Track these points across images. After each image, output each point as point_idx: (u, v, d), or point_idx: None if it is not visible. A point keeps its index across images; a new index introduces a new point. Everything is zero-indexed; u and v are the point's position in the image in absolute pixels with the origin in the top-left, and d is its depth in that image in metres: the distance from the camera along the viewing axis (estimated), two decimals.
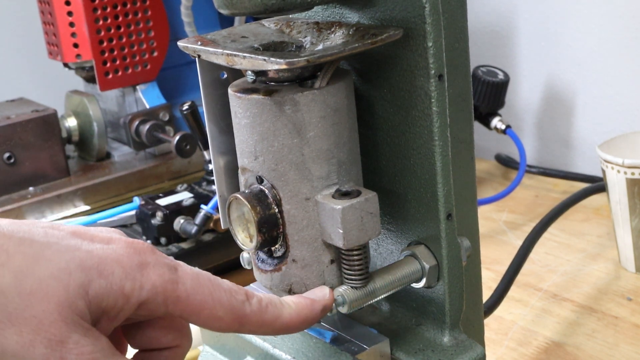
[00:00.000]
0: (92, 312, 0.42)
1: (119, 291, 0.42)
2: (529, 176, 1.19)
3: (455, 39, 0.52)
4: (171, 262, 0.45)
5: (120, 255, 0.43)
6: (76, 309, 0.41)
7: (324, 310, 0.50)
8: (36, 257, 0.41)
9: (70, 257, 0.42)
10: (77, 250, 0.42)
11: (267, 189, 0.52)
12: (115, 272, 0.42)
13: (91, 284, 0.41)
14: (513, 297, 0.86)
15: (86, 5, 1.15)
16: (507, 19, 1.26)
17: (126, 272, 0.43)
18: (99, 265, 0.42)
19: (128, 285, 0.42)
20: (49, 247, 0.42)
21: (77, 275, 0.41)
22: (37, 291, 0.40)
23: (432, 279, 0.55)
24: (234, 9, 0.49)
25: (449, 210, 0.53)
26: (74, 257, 0.42)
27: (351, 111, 0.52)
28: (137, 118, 1.19)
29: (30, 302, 0.40)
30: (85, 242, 0.43)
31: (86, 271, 0.42)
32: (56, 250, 0.42)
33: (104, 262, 0.42)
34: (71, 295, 0.41)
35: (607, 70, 1.15)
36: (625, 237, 0.90)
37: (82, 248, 0.43)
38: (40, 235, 0.42)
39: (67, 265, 0.41)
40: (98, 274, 0.42)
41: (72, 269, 0.41)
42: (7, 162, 1.13)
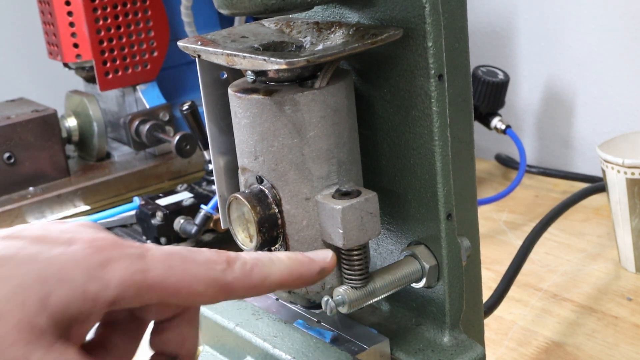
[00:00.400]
0: (58, 323, 0.40)
1: (83, 295, 0.40)
2: (529, 176, 1.19)
3: (455, 39, 0.52)
4: (138, 249, 0.42)
5: (80, 257, 0.41)
6: (36, 325, 0.39)
7: (321, 272, 0.47)
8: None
9: (26, 271, 0.40)
10: (34, 262, 0.40)
11: (267, 189, 0.52)
12: (75, 277, 0.40)
13: (51, 296, 0.39)
14: (513, 297, 0.86)
15: (86, 5, 1.15)
16: (507, 19, 1.26)
17: (88, 273, 0.40)
18: (59, 272, 0.40)
19: (92, 287, 0.40)
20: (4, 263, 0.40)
21: (34, 289, 0.39)
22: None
23: (432, 279, 0.55)
24: (234, 9, 0.49)
25: (449, 210, 0.53)
26: (30, 270, 0.40)
27: (351, 111, 0.52)
28: (137, 118, 1.19)
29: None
30: (45, 247, 0.41)
31: (43, 283, 0.39)
32: (13, 266, 0.40)
33: (64, 269, 0.40)
34: (29, 313, 0.39)
35: (607, 70, 1.15)
36: (625, 237, 0.90)
37: (40, 257, 0.40)
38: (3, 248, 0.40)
39: (23, 281, 0.39)
40: (57, 282, 0.40)
41: (29, 284, 0.39)
42: (7, 162, 1.13)
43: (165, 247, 0.44)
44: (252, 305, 0.60)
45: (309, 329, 0.57)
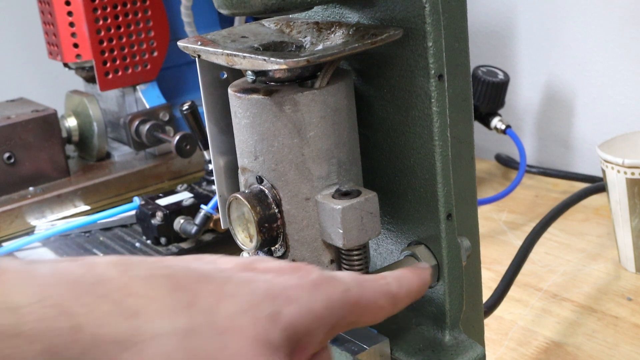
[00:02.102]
0: (289, 339, 0.40)
1: (310, 313, 0.41)
2: (529, 176, 1.19)
3: (455, 39, 0.52)
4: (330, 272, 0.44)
5: (297, 279, 0.42)
6: (272, 340, 0.39)
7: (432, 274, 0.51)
8: (219, 294, 0.39)
9: (252, 289, 0.40)
10: (255, 282, 0.41)
11: (267, 189, 0.52)
12: (301, 296, 0.41)
13: (282, 312, 0.40)
14: (513, 297, 0.86)
15: (86, 5, 1.15)
16: (507, 19, 1.26)
17: (310, 294, 0.41)
18: (284, 291, 0.41)
19: (317, 306, 0.41)
20: (227, 281, 0.40)
21: (264, 306, 0.40)
22: (229, 329, 0.38)
23: (432, 279, 0.55)
24: (234, 9, 0.49)
25: (449, 210, 0.53)
26: (256, 288, 0.40)
27: (351, 111, 0.52)
28: (137, 118, 1.19)
29: (226, 342, 0.38)
30: (256, 274, 0.42)
31: (273, 300, 0.40)
32: (236, 285, 0.40)
33: (288, 288, 0.41)
34: (265, 328, 0.39)
35: (607, 70, 1.15)
36: (625, 237, 0.90)
37: (258, 279, 0.41)
38: (213, 271, 0.41)
39: (253, 298, 0.40)
40: (285, 300, 0.40)
41: (259, 301, 0.40)
42: (7, 162, 1.13)
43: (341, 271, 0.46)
44: None
45: None
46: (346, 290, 0.43)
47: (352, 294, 0.43)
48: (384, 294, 0.45)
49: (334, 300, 0.42)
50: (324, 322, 0.41)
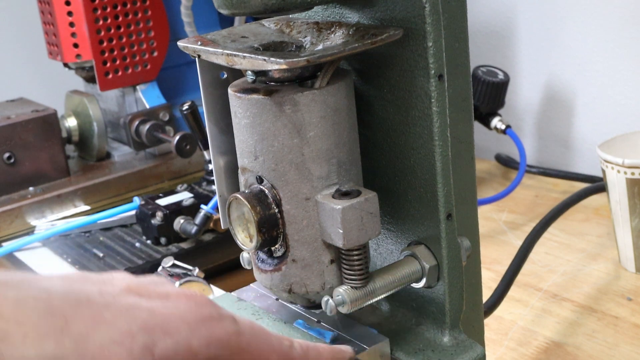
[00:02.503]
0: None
1: (186, 349, 0.40)
2: (529, 176, 1.19)
3: (455, 39, 0.52)
4: (228, 312, 0.44)
5: (183, 311, 0.41)
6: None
7: None
8: (96, 320, 0.38)
9: (131, 318, 0.39)
10: (137, 309, 0.40)
11: (267, 189, 0.52)
12: (181, 330, 0.40)
13: (157, 345, 0.39)
14: (513, 297, 0.86)
15: (86, 5, 1.15)
16: (507, 19, 1.26)
17: (191, 328, 0.41)
18: (163, 323, 0.40)
19: (195, 342, 0.41)
20: (107, 307, 0.39)
21: (140, 337, 0.39)
22: (99, 357, 0.37)
23: (432, 279, 0.55)
24: (234, 9, 0.49)
25: (449, 210, 0.53)
26: (135, 317, 0.39)
27: (351, 111, 0.52)
28: (137, 118, 1.19)
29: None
30: (143, 299, 0.41)
31: (150, 331, 0.39)
32: (115, 311, 0.39)
33: (168, 320, 0.40)
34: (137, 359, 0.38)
35: (607, 70, 1.15)
36: (625, 237, 0.90)
37: (141, 306, 0.40)
38: (95, 294, 0.40)
39: (129, 327, 0.39)
40: (163, 333, 0.40)
41: (135, 331, 0.39)
42: (7, 162, 1.13)
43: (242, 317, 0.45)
44: (252, 305, 0.60)
45: (309, 329, 0.57)
46: (236, 334, 0.43)
47: (240, 340, 0.43)
48: (279, 354, 0.45)
49: (217, 339, 0.42)
50: (201, 358, 0.41)
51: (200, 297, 0.43)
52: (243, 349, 0.43)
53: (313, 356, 0.48)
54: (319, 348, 0.49)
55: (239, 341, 0.43)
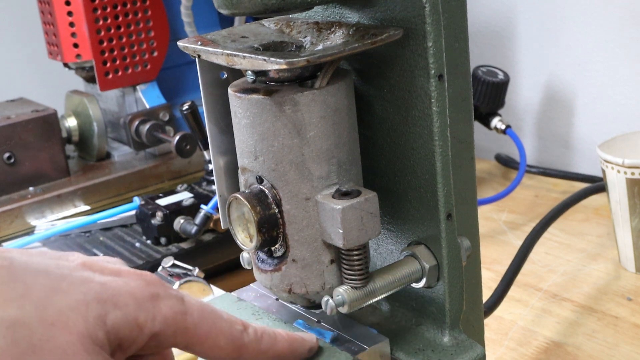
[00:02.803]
0: (110, 342, 0.42)
1: (134, 322, 0.43)
2: (529, 176, 1.19)
3: (455, 39, 0.52)
4: (178, 293, 0.46)
5: (133, 287, 0.44)
6: (96, 339, 0.41)
7: (310, 350, 0.52)
8: (54, 288, 0.41)
9: (86, 289, 0.42)
10: (91, 282, 0.42)
11: (267, 189, 0.52)
12: (129, 304, 0.43)
13: (108, 315, 0.42)
14: (513, 297, 0.86)
15: (86, 5, 1.15)
16: (507, 19, 1.26)
17: (139, 303, 0.43)
18: (114, 296, 0.42)
19: (142, 317, 0.43)
20: (63, 278, 0.42)
21: (94, 306, 0.41)
22: (58, 322, 0.40)
23: (432, 279, 0.55)
24: (234, 9, 0.49)
25: (449, 210, 0.53)
26: (89, 289, 0.42)
27: (351, 111, 0.52)
28: (137, 118, 1.19)
29: (53, 333, 0.40)
30: (96, 274, 0.43)
31: (102, 303, 0.42)
32: (71, 282, 0.42)
33: (118, 294, 0.43)
34: (91, 326, 0.41)
35: (607, 70, 1.15)
36: (625, 237, 0.90)
37: (95, 280, 0.43)
38: (53, 267, 0.42)
39: (84, 297, 0.41)
40: (113, 305, 0.42)
41: (89, 301, 0.41)
42: (7, 162, 1.13)
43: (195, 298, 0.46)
44: (252, 305, 0.60)
45: (309, 329, 0.57)
46: (182, 313, 0.45)
47: (186, 319, 0.45)
48: (228, 337, 0.46)
49: (162, 316, 0.44)
50: (146, 332, 0.43)
51: (150, 276, 0.45)
52: (188, 328, 0.45)
53: (267, 342, 0.49)
54: (276, 334, 0.50)
55: (184, 320, 0.45)
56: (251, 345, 0.48)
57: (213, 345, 0.46)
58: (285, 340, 0.50)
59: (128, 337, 0.43)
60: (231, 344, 0.47)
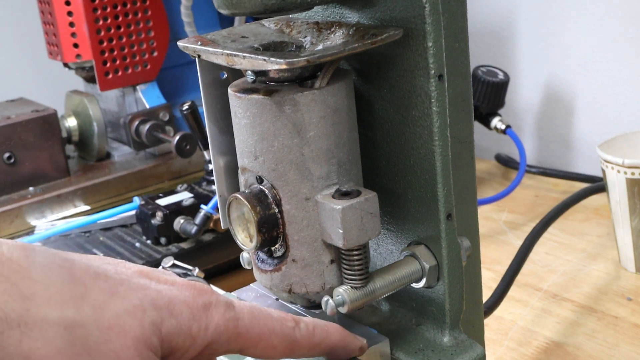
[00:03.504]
0: (163, 349, 0.42)
1: (187, 331, 0.43)
2: (529, 176, 1.19)
3: (455, 39, 0.52)
4: (227, 299, 0.46)
5: (186, 296, 0.44)
6: (150, 345, 0.41)
7: (361, 349, 0.52)
8: (112, 292, 0.41)
9: (143, 295, 0.42)
10: (147, 289, 0.43)
11: (267, 189, 0.52)
12: (183, 313, 0.43)
13: (163, 323, 0.42)
14: (513, 297, 0.86)
15: (86, 5, 1.15)
16: (507, 19, 1.26)
17: (193, 313, 0.44)
18: (169, 304, 0.43)
19: (195, 326, 0.43)
20: (122, 283, 0.42)
21: (150, 312, 0.42)
22: (114, 326, 0.40)
23: (432, 279, 0.55)
24: (234, 9, 0.49)
25: (449, 210, 0.53)
26: (146, 295, 0.42)
27: (351, 111, 0.52)
28: (137, 118, 1.19)
29: (109, 337, 0.40)
30: (152, 282, 0.44)
31: (158, 310, 0.42)
32: (129, 287, 0.42)
33: (173, 302, 0.43)
34: (146, 332, 0.41)
35: (607, 70, 1.15)
36: (625, 237, 0.90)
37: (151, 287, 0.43)
38: (112, 271, 0.43)
39: (141, 303, 0.42)
40: (169, 313, 0.43)
41: (146, 307, 0.42)
42: (7, 162, 1.13)
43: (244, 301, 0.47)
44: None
45: None
46: (233, 319, 0.45)
47: (238, 325, 0.45)
48: (280, 336, 0.47)
49: (215, 325, 0.44)
50: (199, 342, 0.44)
51: (201, 286, 0.45)
52: (240, 333, 0.45)
53: (319, 336, 0.49)
54: (329, 328, 0.50)
55: (236, 326, 0.45)
56: (304, 340, 0.48)
57: (267, 345, 0.46)
58: (339, 332, 0.50)
59: (181, 346, 0.43)
60: (284, 342, 0.47)
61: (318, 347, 0.49)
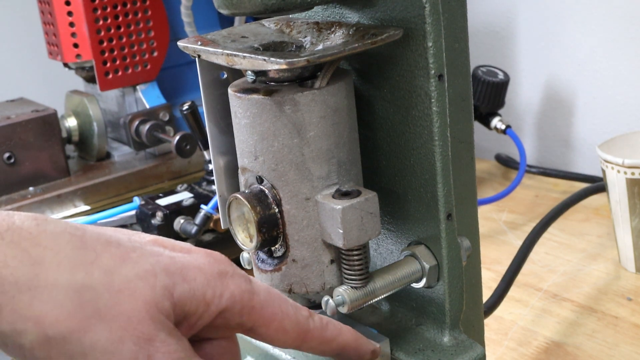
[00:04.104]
0: (176, 314, 0.42)
1: (201, 297, 0.43)
2: (529, 176, 1.19)
3: (455, 39, 0.52)
4: (245, 274, 0.46)
5: (202, 263, 0.44)
6: (162, 308, 0.41)
7: (374, 353, 0.52)
8: (123, 258, 0.42)
9: (155, 261, 0.42)
10: (160, 256, 0.43)
11: (267, 189, 0.52)
12: (197, 279, 0.43)
13: (175, 287, 0.42)
14: (513, 297, 0.86)
15: (86, 5, 1.15)
16: (507, 19, 1.26)
17: (207, 279, 0.43)
18: (182, 270, 0.43)
19: (209, 292, 0.43)
20: (134, 250, 0.42)
21: (162, 277, 0.42)
22: (125, 289, 0.41)
23: (432, 279, 0.55)
24: (234, 9, 0.49)
25: (449, 210, 0.53)
26: (159, 261, 0.43)
27: (351, 111, 0.52)
28: (137, 118, 1.19)
29: (119, 300, 0.40)
30: (167, 250, 0.44)
31: (170, 275, 0.42)
32: (141, 254, 0.42)
33: (187, 268, 0.43)
34: (157, 295, 0.41)
35: (607, 70, 1.15)
36: (625, 237, 0.90)
37: (164, 254, 0.43)
38: (124, 239, 0.43)
39: (153, 268, 0.42)
40: (182, 278, 0.43)
41: (158, 271, 0.42)
42: (7, 162, 1.13)
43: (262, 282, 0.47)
44: None
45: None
46: (249, 292, 0.45)
47: (253, 298, 0.45)
48: (293, 321, 0.46)
49: (230, 293, 0.44)
50: (213, 309, 0.43)
51: (218, 255, 0.46)
52: (254, 307, 0.45)
53: (332, 331, 0.48)
54: (343, 327, 0.49)
55: (251, 299, 0.45)
56: (316, 331, 0.47)
57: (278, 327, 0.46)
58: (352, 333, 0.50)
59: (195, 311, 0.43)
60: (296, 328, 0.47)
61: (329, 344, 0.48)
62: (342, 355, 0.50)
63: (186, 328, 0.43)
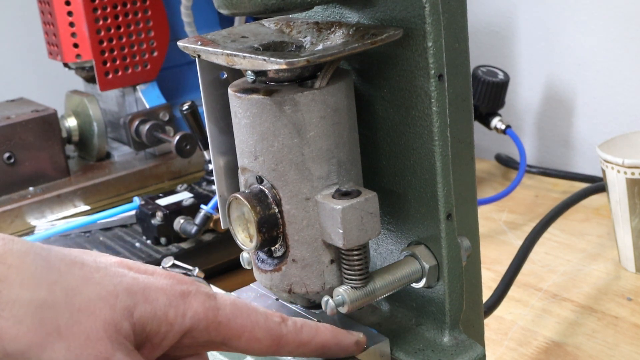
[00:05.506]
0: (137, 334, 0.43)
1: (163, 317, 0.44)
2: (529, 176, 1.19)
3: (455, 39, 0.52)
4: (210, 291, 0.47)
5: (164, 284, 0.45)
6: (121, 329, 0.42)
7: (358, 344, 0.52)
8: (86, 279, 0.42)
9: (117, 282, 0.43)
10: (124, 277, 0.44)
11: (267, 189, 0.52)
12: (159, 299, 0.44)
13: (136, 307, 0.43)
14: (513, 297, 0.86)
15: (86, 5, 1.15)
16: (507, 19, 1.26)
17: (170, 299, 0.44)
18: (145, 291, 0.44)
19: (172, 313, 0.44)
20: (97, 270, 0.43)
21: (123, 298, 0.43)
22: (85, 309, 0.41)
23: (432, 279, 0.55)
24: (234, 9, 0.49)
25: (449, 210, 0.53)
26: (121, 281, 0.43)
27: (351, 111, 0.52)
28: (137, 118, 1.19)
29: (79, 319, 0.41)
30: (131, 271, 0.45)
31: (132, 295, 0.43)
32: (105, 274, 0.43)
33: (149, 289, 0.44)
34: (117, 316, 0.42)
35: (607, 70, 1.15)
36: (625, 237, 0.90)
37: (128, 275, 0.44)
38: (90, 260, 0.44)
39: (115, 288, 0.43)
40: (143, 299, 0.43)
41: (119, 292, 0.43)
42: (7, 162, 1.13)
43: (229, 294, 0.48)
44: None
45: None
46: (215, 308, 0.45)
47: (220, 314, 0.46)
48: (264, 329, 0.47)
49: (193, 312, 0.45)
50: (177, 328, 0.44)
51: (181, 277, 0.46)
52: (221, 322, 0.46)
53: (307, 333, 0.49)
54: (319, 327, 0.50)
55: (216, 315, 0.45)
56: (290, 336, 0.48)
57: (250, 337, 0.46)
58: (330, 331, 0.50)
59: (157, 331, 0.44)
60: (269, 335, 0.47)
61: (307, 345, 0.49)
62: (326, 353, 0.50)
63: (149, 349, 0.44)
